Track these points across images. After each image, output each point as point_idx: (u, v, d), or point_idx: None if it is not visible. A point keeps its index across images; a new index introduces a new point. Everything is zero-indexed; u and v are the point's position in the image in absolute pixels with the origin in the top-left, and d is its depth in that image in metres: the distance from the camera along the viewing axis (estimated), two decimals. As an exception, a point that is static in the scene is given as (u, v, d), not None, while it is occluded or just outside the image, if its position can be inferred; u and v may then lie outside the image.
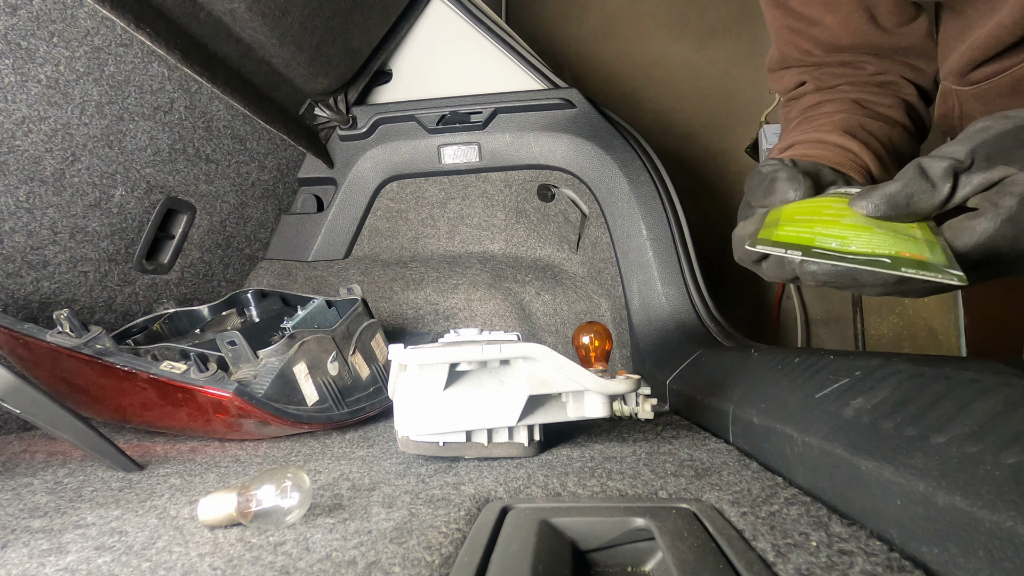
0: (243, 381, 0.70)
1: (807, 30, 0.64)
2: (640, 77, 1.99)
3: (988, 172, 0.36)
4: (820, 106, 0.64)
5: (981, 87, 0.61)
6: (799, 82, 0.68)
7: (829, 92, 0.65)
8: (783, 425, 0.46)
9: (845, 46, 0.64)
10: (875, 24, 0.62)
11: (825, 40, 0.64)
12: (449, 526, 0.38)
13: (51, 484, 0.54)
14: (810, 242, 0.37)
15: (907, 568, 0.29)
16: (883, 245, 0.36)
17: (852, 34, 0.63)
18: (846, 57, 0.64)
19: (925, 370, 0.38)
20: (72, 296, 0.91)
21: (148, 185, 0.99)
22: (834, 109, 0.63)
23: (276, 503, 0.38)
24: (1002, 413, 0.30)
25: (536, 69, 1.30)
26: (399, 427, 0.57)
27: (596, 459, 0.54)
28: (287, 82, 1.13)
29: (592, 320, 1.03)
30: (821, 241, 0.37)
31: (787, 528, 0.35)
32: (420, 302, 1.24)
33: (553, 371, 0.54)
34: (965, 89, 0.63)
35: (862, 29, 0.62)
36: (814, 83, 0.66)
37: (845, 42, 0.63)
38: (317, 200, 1.37)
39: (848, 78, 0.65)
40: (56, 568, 0.34)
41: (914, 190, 0.37)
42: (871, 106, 0.63)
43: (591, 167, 1.28)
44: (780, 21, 0.66)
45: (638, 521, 0.37)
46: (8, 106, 0.77)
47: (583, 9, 2.05)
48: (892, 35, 0.63)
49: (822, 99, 0.65)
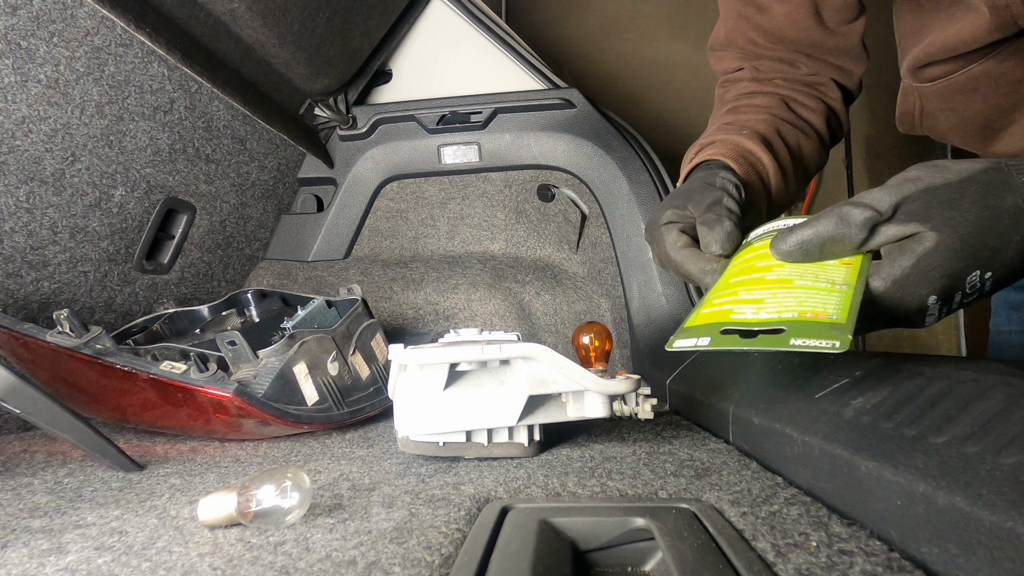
0: (243, 381, 0.70)
1: (755, 17, 0.67)
2: (640, 77, 2.00)
3: (903, 226, 0.37)
4: (753, 96, 0.67)
5: (939, 83, 0.62)
6: (738, 67, 0.71)
7: (764, 84, 0.68)
8: (783, 425, 0.46)
9: (787, 39, 0.67)
10: (819, 20, 0.65)
11: (770, 30, 0.67)
12: (449, 526, 0.38)
13: (51, 484, 0.54)
14: (725, 317, 0.40)
15: (907, 568, 0.29)
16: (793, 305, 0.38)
17: (795, 28, 0.66)
18: (784, 53, 0.68)
19: (925, 370, 0.38)
20: (72, 296, 0.91)
21: (148, 185, 0.99)
22: (763, 103, 0.66)
23: (276, 503, 0.38)
24: (1002, 413, 0.30)
25: (536, 69, 1.30)
26: (399, 427, 0.57)
27: (596, 459, 0.54)
28: (287, 82, 1.13)
29: (592, 320, 1.03)
30: (738, 311, 0.39)
31: (787, 528, 0.35)
32: (420, 302, 1.24)
33: (553, 371, 0.54)
34: (925, 86, 0.64)
35: (805, 24, 0.65)
36: (751, 72, 0.69)
37: (788, 35, 0.66)
38: (317, 200, 1.37)
39: (783, 74, 0.68)
40: (56, 568, 0.34)
41: (830, 236, 0.38)
42: (796, 107, 0.67)
43: (591, 167, 1.28)
44: (732, 4, 0.69)
45: (638, 521, 0.37)
46: (8, 106, 0.77)
47: (583, 9, 2.05)
48: (832, 34, 0.66)
49: (756, 89, 0.68)
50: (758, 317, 0.38)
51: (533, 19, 2.03)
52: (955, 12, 0.55)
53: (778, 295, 0.38)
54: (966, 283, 0.36)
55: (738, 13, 0.69)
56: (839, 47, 0.67)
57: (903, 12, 0.64)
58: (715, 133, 0.63)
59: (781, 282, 0.39)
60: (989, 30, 0.53)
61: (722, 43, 0.72)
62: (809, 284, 0.38)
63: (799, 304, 0.37)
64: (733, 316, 0.39)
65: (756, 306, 0.39)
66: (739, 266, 0.44)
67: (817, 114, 0.68)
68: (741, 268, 0.43)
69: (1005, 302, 0.79)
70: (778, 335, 0.37)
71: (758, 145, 0.60)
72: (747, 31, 0.69)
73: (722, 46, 0.73)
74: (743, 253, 0.46)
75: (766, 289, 0.39)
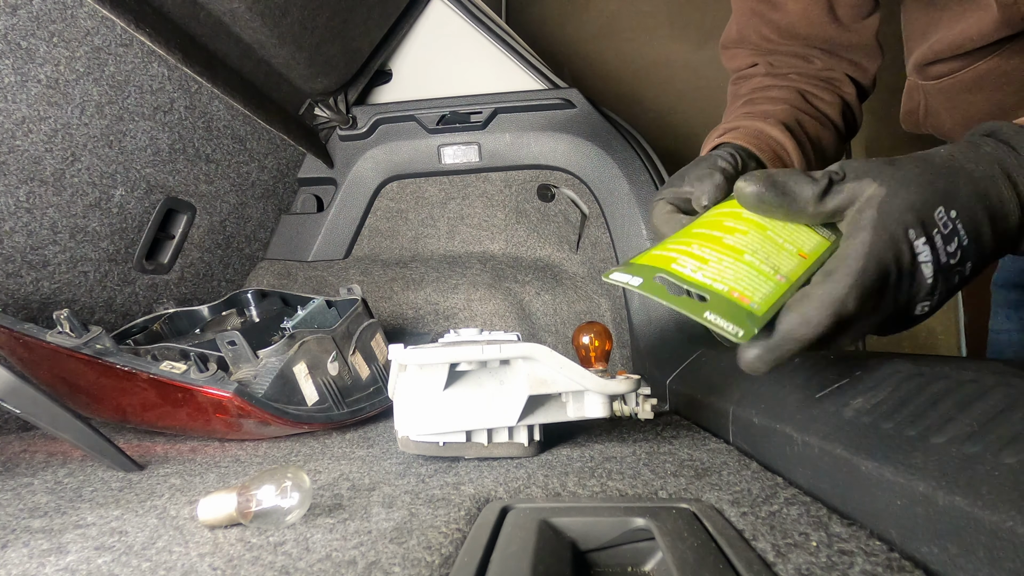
0: (243, 381, 0.70)
1: (769, 13, 0.67)
2: (640, 77, 2.00)
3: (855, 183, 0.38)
4: (769, 89, 0.67)
5: (944, 81, 0.62)
6: (752, 63, 0.70)
7: (780, 78, 0.68)
8: (783, 425, 0.46)
9: (801, 35, 0.67)
10: (832, 17, 0.65)
11: (784, 26, 0.67)
12: (449, 526, 0.38)
13: (51, 484, 0.54)
14: (666, 265, 0.39)
15: (907, 568, 0.29)
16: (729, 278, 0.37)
17: (809, 24, 0.66)
18: (798, 48, 0.68)
19: (925, 370, 0.38)
20: (72, 296, 0.91)
21: (148, 185, 0.99)
22: (780, 96, 0.65)
23: (276, 503, 0.38)
24: (1002, 413, 0.30)
25: (536, 69, 1.30)
26: (399, 427, 0.57)
27: (596, 459, 0.54)
28: (287, 82, 1.13)
29: (592, 320, 1.03)
30: (680, 264, 0.39)
31: (787, 528, 0.35)
32: (420, 302, 1.24)
33: (553, 371, 0.54)
34: (929, 83, 0.64)
35: (819, 21, 0.65)
36: (766, 67, 0.69)
37: (802, 31, 0.66)
38: (317, 200, 1.37)
39: (797, 68, 0.68)
40: (56, 568, 0.34)
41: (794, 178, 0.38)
42: (813, 100, 0.66)
43: (591, 167, 1.28)
44: (745, 2, 0.69)
45: (638, 521, 0.37)
46: (8, 106, 0.77)
47: (583, 9, 2.05)
48: (846, 30, 0.66)
49: (772, 83, 0.67)
50: (694, 277, 0.38)
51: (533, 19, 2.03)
52: (964, 10, 0.55)
53: (723, 263, 0.38)
54: (935, 217, 0.36)
55: (751, 10, 0.68)
56: (853, 43, 0.66)
57: (911, 10, 0.64)
58: (737, 120, 0.62)
59: (732, 250, 0.39)
60: (997, 26, 0.53)
61: (735, 40, 0.72)
62: (755, 263, 0.38)
63: (734, 279, 0.37)
64: (673, 267, 0.39)
65: (698, 264, 0.38)
66: (710, 217, 0.43)
67: (833, 107, 0.67)
68: (710, 221, 0.43)
69: (1005, 301, 0.79)
70: (700, 303, 0.37)
71: (781, 132, 0.60)
72: (760, 28, 0.68)
73: (735, 43, 0.72)
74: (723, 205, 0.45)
75: (715, 252, 0.39)
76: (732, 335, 0.35)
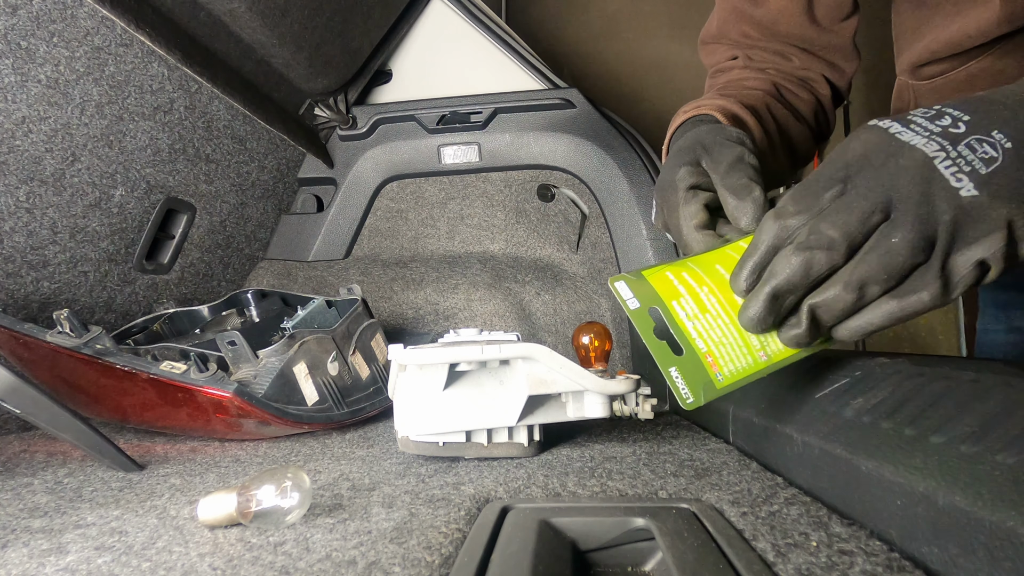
0: (243, 381, 0.70)
1: (750, 10, 0.68)
2: (640, 77, 2.00)
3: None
4: (745, 80, 0.67)
5: (936, 81, 0.62)
6: (731, 56, 0.71)
7: (757, 72, 0.69)
8: (783, 425, 0.46)
9: (780, 33, 0.67)
10: (811, 17, 0.66)
11: (764, 23, 0.67)
12: (449, 526, 0.38)
13: (51, 484, 0.54)
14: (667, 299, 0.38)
15: (907, 568, 0.29)
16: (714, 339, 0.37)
17: (789, 22, 0.66)
18: (777, 46, 0.69)
19: (925, 370, 0.38)
20: (72, 296, 0.91)
21: (148, 185, 0.99)
22: (755, 85, 0.66)
23: (276, 503, 0.38)
24: (1002, 413, 0.30)
25: (536, 69, 1.30)
26: (399, 427, 0.57)
27: (596, 459, 0.54)
28: (287, 82, 1.13)
29: (592, 320, 1.03)
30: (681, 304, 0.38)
31: (787, 528, 0.35)
32: (420, 302, 1.24)
33: (553, 371, 0.54)
34: (921, 84, 0.63)
35: (799, 20, 0.66)
36: (744, 60, 0.70)
37: (782, 29, 0.67)
38: (317, 200, 1.37)
39: (776, 65, 0.69)
40: (56, 568, 0.34)
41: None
42: (787, 95, 0.67)
43: (591, 167, 1.27)
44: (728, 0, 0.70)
45: (638, 521, 0.37)
46: (8, 106, 0.77)
47: (583, 9, 2.05)
48: (824, 31, 0.67)
49: (749, 75, 0.68)
50: (684, 324, 0.37)
51: (533, 19, 2.03)
52: (961, 7, 0.55)
53: (718, 320, 0.37)
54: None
55: (733, 7, 0.69)
56: (831, 44, 0.67)
57: (903, 9, 0.64)
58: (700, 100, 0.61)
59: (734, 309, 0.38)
60: (998, 22, 0.52)
61: (714, 36, 0.73)
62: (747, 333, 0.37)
63: (717, 342, 0.37)
64: (673, 304, 0.38)
65: (696, 311, 0.37)
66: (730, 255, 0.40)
67: (807, 105, 0.68)
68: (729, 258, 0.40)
69: (992, 301, 0.79)
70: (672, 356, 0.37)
71: (745, 111, 0.59)
72: (741, 24, 0.69)
73: (714, 39, 0.73)
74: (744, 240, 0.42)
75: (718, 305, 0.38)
76: (682, 399, 0.36)
